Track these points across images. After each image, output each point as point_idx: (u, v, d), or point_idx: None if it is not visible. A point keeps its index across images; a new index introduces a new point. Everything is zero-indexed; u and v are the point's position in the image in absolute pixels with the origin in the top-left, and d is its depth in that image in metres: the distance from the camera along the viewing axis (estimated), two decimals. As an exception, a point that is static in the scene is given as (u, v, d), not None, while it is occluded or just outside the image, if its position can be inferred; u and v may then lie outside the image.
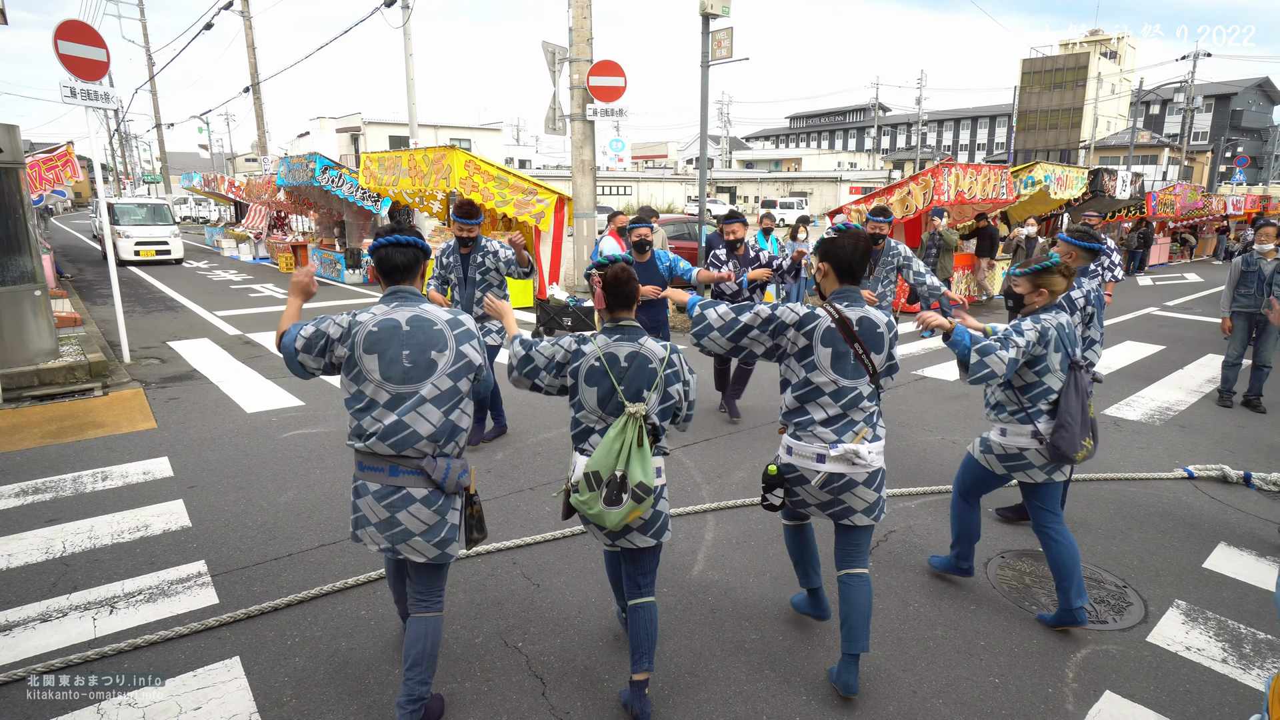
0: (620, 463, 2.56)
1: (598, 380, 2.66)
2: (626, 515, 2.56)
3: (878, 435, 2.85)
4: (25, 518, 4.41)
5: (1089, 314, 4.13)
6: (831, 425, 2.81)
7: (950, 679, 3.05)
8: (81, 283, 15.56)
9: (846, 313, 2.79)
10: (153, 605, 3.50)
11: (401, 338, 2.53)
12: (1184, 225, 23.66)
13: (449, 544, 2.63)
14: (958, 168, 11.51)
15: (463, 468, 2.62)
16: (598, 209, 10.93)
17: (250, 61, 23.49)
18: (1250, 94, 64.13)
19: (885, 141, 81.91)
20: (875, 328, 2.80)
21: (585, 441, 2.72)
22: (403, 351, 2.52)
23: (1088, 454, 3.27)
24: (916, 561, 4.00)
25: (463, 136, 40.17)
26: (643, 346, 2.69)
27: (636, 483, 2.54)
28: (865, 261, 2.84)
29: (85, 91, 7.77)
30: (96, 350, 8.08)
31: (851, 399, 2.79)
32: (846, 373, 2.79)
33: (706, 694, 2.94)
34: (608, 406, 2.66)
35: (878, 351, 2.81)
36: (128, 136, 44.44)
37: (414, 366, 2.52)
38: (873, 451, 2.81)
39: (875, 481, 2.87)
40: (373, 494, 2.57)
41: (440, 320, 2.59)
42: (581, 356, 2.70)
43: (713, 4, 10.06)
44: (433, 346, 2.55)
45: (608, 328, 2.75)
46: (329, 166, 14.73)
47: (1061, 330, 3.25)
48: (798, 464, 2.88)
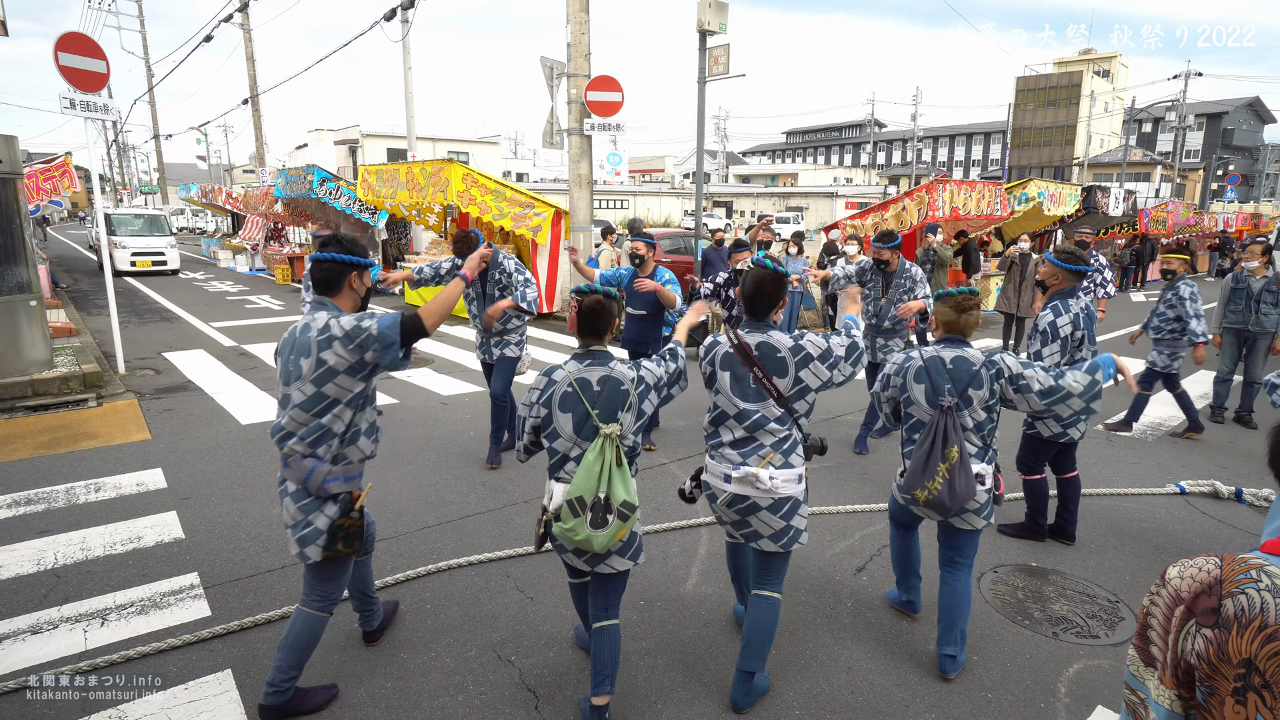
0: (603, 484, 2.57)
1: (572, 406, 2.67)
2: (614, 535, 2.58)
3: (789, 464, 2.80)
4: (17, 529, 4.39)
5: (1079, 337, 4.14)
6: (738, 448, 2.83)
7: (942, 693, 3.05)
8: (77, 293, 15.55)
9: (746, 338, 2.82)
10: (144, 617, 3.49)
11: (291, 342, 2.74)
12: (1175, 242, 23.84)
13: (308, 544, 2.72)
14: (953, 184, 11.59)
15: (330, 474, 2.71)
16: (594, 222, 10.97)
17: (249, 74, 23.59)
18: (1241, 113, 64.77)
19: (881, 157, 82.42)
20: (776, 352, 2.79)
21: (562, 470, 2.72)
22: (289, 355, 2.71)
23: (929, 496, 3.05)
24: (910, 576, 4.01)
25: (461, 150, 40.32)
26: (613, 370, 2.72)
27: (621, 501, 2.57)
28: (765, 299, 2.83)
29: (84, 103, 7.81)
30: (91, 361, 8.07)
31: (755, 421, 2.79)
32: (748, 396, 2.81)
33: (699, 708, 2.93)
34: (583, 431, 2.67)
35: (780, 376, 2.78)
36: (126, 147, 44.51)
37: (292, 370, 2.69)
38: (777, 479, 2.77)
39: (782, 509, 2.81)
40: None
41: (315, 327, 2.68)
42: (553, 385, 2.71)
43: (710, 21, 10.16)
44: (302, 353, 2.67)
45: (579, 354, 2.78)
46: (327, 179, 14.77)
47: (934, 365, 3.14)
48: (710, 482, 2.94)
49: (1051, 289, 4.27)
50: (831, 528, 4.60)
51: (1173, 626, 1.17)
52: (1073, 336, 4.10)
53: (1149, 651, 1.22)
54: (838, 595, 3.80)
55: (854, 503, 4.99)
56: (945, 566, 3.26)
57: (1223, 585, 1.14)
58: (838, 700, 3.00)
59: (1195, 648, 1.13)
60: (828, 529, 4.58)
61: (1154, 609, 1.22)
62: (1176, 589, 1.18)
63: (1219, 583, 1.14)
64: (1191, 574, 1.18)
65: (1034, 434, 4.37)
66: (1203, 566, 1.18)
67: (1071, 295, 4.20)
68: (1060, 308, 4.14)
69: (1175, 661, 1.16)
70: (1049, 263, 4.24)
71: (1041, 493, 4.40)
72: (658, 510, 4.81)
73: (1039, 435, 4.34)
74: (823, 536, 4.46)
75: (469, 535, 4.41)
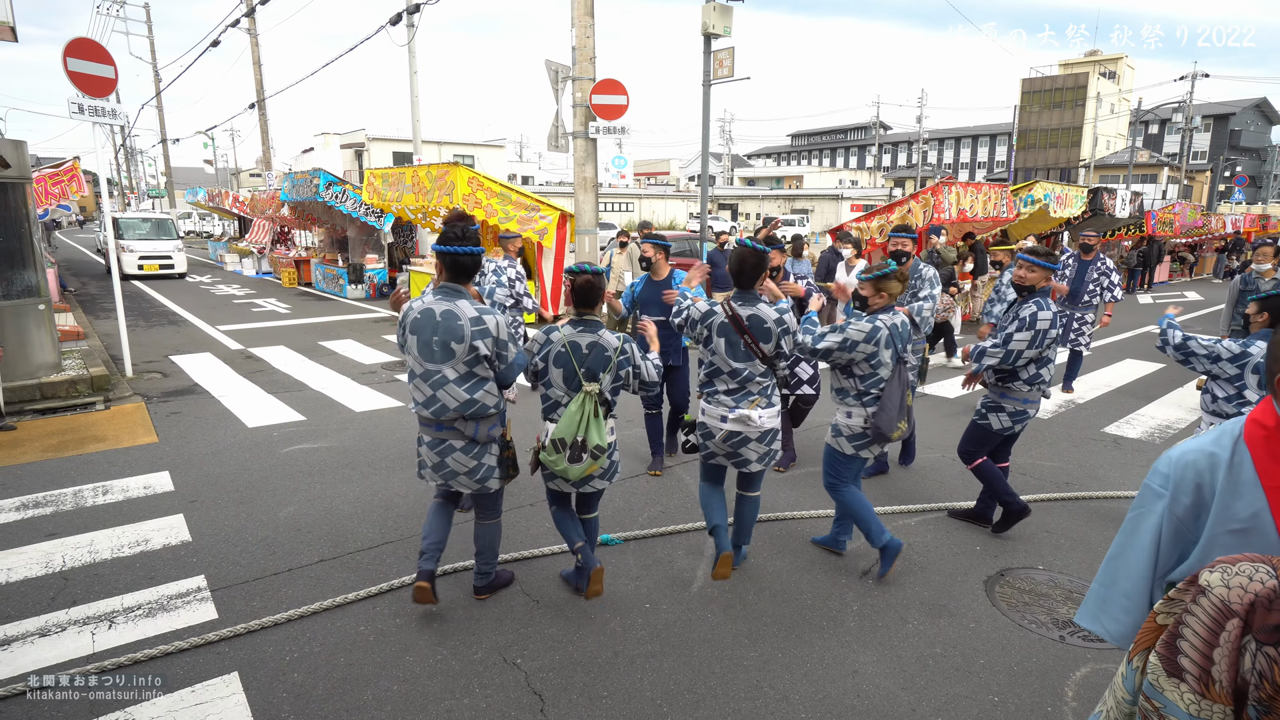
0: (580, 430, 3.29)
1: (563, 363, 3.38)
2: (586, 470, 3.34)
3: (770, 403, 3.63)
4: (25, 532, 4.42)
5: (1053, 336, 4.12)
6: (732, 395, 3.61)
7: (949, 697, 3.04)
8: (85, 296, 15.63)
9: (740, 309, 3.54)
10: (151, 620, 3.50)
11: (433, 324, 3.19)
12: (1183, 244, 23.75)
13: (489, 478, 3.41)
14: (958, 186, 11.57)
15: (491, 424, 3.35)
16: (600, 225, 10.98)
17: (256, 78, 23.70)
18: (1248, 114, 64.52)
19: (886, 159, 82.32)
20: (763, 323, 3.54)
21: (554, 413, 3.45)
22: (433, 337, 3.19)
23: (901, 434, 3.79)
24: (915, 579, 4.00)
25: (466, 153, 40.40)
26: (601, 338, 3.40)
27: (594, 445, 3.30)
28: (749, 272, 3.56)
29: (93, 108, 7.85)
30: (99, 364, 8.11)
31: (745, 377, 3.57)
32: (738, 357, 3.56)
33: (705, 712, 2.93)
34: (570, 384, 3.38)
35: (765, 341, 3.55)
36: (133, 152, 44.78)
37: (439, 350, 3.19)
38: (764, 415, 3.60)
39: (767, 438, 3.67)
40: (426, 443, 3.37)
41: (465, 315, 3.19)
42: (550, 345, 3.40)
43: (714, 24, 10.18)
44: (452, 337, 3.17)
45: (573, 320, 3.44)
46: (333, 182, 14.82)
47: (895, 330, 3.75)
48: (708, 423, 3.69)
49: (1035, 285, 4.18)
50: (837, 531, 4.58)
51: (1224, 641, 1.05)
52: (1046, 334, 4.08)
53: (1176, 662, 1.10)
54: (843, 598, 3.80)
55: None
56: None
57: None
58: (844, 704, 2.99)
59: (1256, 666, 1.01)
60: (834, 532, 4.56)
61: (1191, 619, 1.09)
62: (1224, 599, 1.06)
63: (1279, 595, 1.02)
64: (1241, 583, 1.06)
65: (985, 424, 4.40)
66: (1254, 575, 1.06)
67: (1044, 294, 4.18)
68: (1043, 304, 4.13)
69: (1233, 680, 1.04)
70: (1022, 261, 4.17)
71: (993, 472, 4.41)
72: (663, 514, 4.80)
73: (989, 426, 4.37)
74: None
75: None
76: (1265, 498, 1.47)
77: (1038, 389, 4.27)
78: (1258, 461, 1.48)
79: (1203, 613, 1.08)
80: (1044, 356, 4.21)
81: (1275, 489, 1.48)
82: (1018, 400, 4.28)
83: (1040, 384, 4.26)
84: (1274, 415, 1.52)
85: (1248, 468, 1.48)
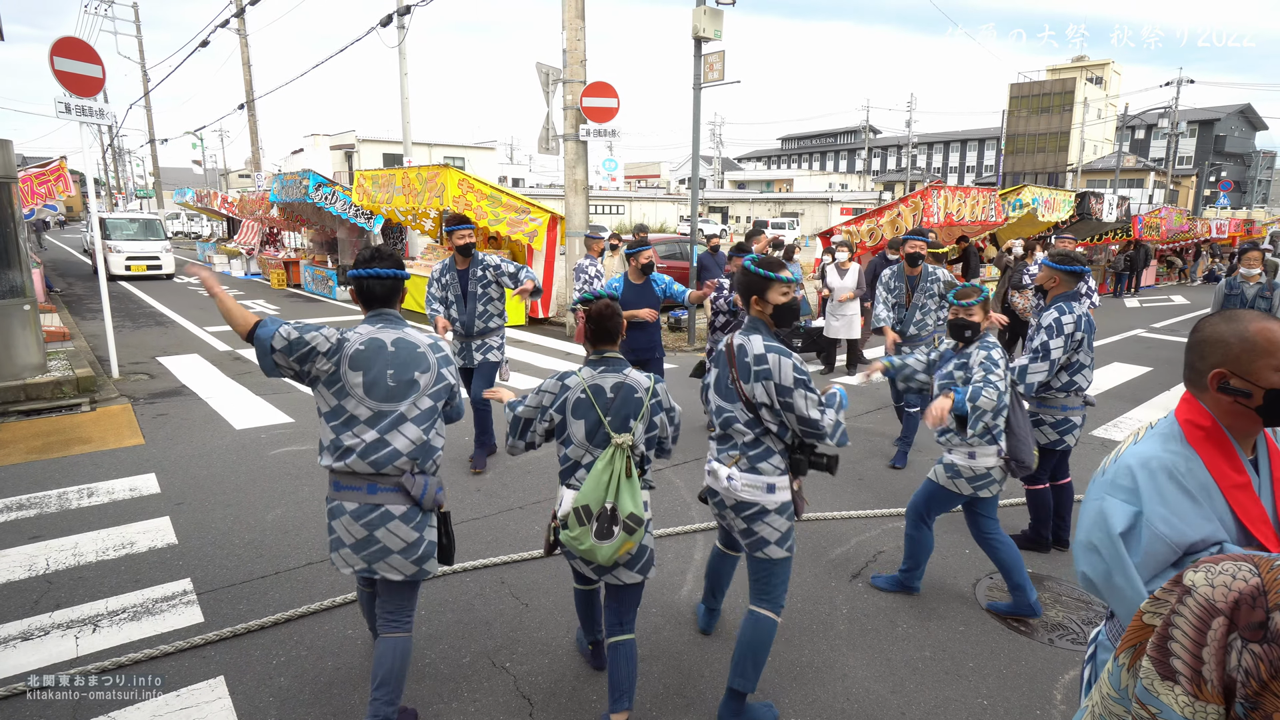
0: (610, 494, 2.56)
1: (584, 413, 2.67)
2: (619, 548, 2.56)
3: (755, 470, 2.73)
4: (9, 534, 4.37)
5: (1079, 339, 4.13)
6: (719, 444, 2.86)
7: (939, 700, 3.05)
8: (71, 297, 15.49)
9: (736, 338, 2.79)
10: (136, 624, 3.47)
11: (386, 357, 2.61)
12: (1170, 248, 23.96)
13: (426, 560, 2.65)
14: (947, 190, 11.64)
15: (439, 484, 2.68)
16: (590, 228, 10.98)
17: (245, 79, 23.58)
18: (1233, 120, 65.24)
19: (876, 163, 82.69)
20: (744, 355, 2.72)
21: (573, 476, 2.71)
22: (387, 370, 2.59)
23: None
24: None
25: (456, 155, 40.35)
26: (628, 377, 2.71)
27: (628, 514, 2.55)
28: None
29: (80, 107, 7.79)
30: (85, 365, 8.03)
31: (727, 419, 2.77)
32: (724, 395, 2.79)
33: (694, 716, 2.92)
34: (595, 439, 2.67)
35: (745, 381, 2.69)
36: (121, 151, 44.45)
37: (397, 385, 2.59)
38: (736, 481, 2.74)
39: (745, 512, 2.77)
40: (350, 513, 2.58)
41: (423, 343, 2.69)
42: (567, 391, 2.70)
43: (705, 28, 10.19)
44: (415, 367, 2.64)
45: (592, 360, 2.77)
46: (323, 184, 14.76)
47: (1004, 356, 3.61)
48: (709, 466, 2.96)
49: (1051, 293, 4.24)
50: (827, 534, 4.59)
51: (1211, 640, 1.06)
52: (1073, 337, 4.09)
53: (1169, 665, 1.10)
54: (833, 602, 3.80)
55: (849, 509, 4.98)
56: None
57: (1267, 596, 1.02)
58: (834, 708, 2.99)
59: (1243, 664, 1.02)
60: (823, 535, 4.57)
61: (1179, 620, 1.10)
62: (1209, 598, 1.07)
63: (1262, 593, 1.03)
64: (1224, 582, 1.07)
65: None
66: (1236, 574, 1.07)
67: (1075, 299, 4.17)
68: (1065, 308, 4.12)
69: (1221, 678, 1.05)
70: (1045, 267, 4.23)
71: (1045, 503, 4.37)
72: (652, 516, 4.79)
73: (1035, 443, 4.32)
74: (818, 543, 4.46)
75: (463, 541, 4.38)
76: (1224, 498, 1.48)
77: (1074, 394, 4.19)
78: (1209, 463, 1.50)
79: (1190, 613, 1.09)
80: (1075, 362, 4.17)
81: (1232, 489, 1.49)
82: (1055, 409, 4.22)
83: (1076, 390, 4.19)
84: (1206, 414, 1.54)
85: (1200, 471, 1.49)
